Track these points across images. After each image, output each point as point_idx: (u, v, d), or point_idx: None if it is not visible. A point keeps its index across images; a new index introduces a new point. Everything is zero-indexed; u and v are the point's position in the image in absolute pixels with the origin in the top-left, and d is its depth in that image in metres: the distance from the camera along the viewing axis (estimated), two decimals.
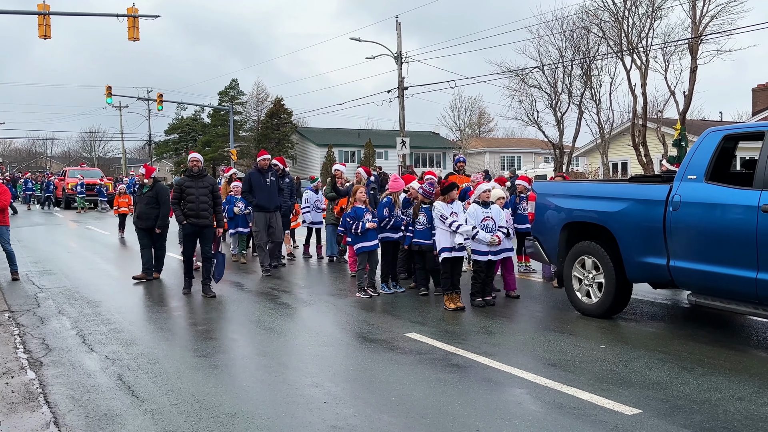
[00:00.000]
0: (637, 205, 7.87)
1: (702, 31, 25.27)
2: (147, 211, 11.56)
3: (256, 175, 12.25)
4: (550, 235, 9.09)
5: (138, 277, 11.55)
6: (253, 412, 5.29)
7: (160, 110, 44.50)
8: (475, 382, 6.03)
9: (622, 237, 7.98)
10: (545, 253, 9.32)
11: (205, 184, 10.27)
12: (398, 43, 33.46)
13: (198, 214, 10.11)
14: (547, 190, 9.47)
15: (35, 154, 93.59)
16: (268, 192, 12.19)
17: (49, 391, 5.82)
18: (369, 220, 10.06)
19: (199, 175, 10.32)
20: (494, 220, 9.29)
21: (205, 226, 10.21)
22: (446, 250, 9.07)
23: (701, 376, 6.13)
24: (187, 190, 10.19)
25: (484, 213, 9.31)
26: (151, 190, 11.61)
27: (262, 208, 12.16)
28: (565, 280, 8.89)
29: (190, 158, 10.55)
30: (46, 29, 24.11)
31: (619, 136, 32.59)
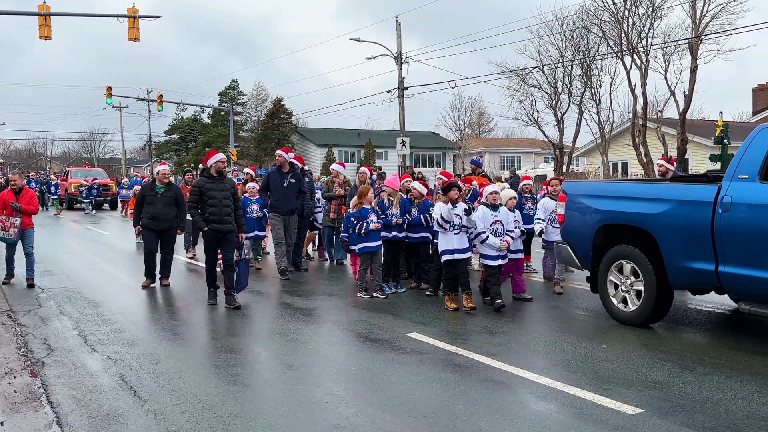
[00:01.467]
0: (681, 207, 7.41)
1: (702, 30, 25.27)
2: (165, 212, 10.97)
3: (275, 175, 11.80)
4: (583, 239, 8.63)
5: (146, 285, 11.00)
6: (256, 411, 5.30)
7: (160, 111, 44.55)
8: (476, 381, 6.03)
9: (665, 241, 7.52)
10: (577, 258, 8.87)
11: (227, 186, 9.48)
12: (398, 44, 33.49)
13: (221, 219, 9.27)
14: (579, 191, 9.00)
15: (35, 155, 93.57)
16: (284, 194, 11.69)
17: (51, 391, 5.82)
18: (373, 221, 9.97)
19: (220, 177, 9.50)
20: (503, 223, 9.13)
21: (228, 232, 9.40)
22: (447, 252, 8.94)
23: (703, 376, 6.13)
24: (209, 192, 9.29)
25: (493, 216, 9.15)
26: (169, 189, 11.15)
27: (274, 208, 11.76)
28: (600, 286, 8.44)
29: (216, 158, 9.59)
30: (47, 30, 24.12)
31: (619, 136, 32.60)
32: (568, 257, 9.05)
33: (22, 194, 11.11)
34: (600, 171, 30.84)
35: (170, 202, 11.00)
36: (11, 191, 11.14)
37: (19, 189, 11.14)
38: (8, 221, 10.92)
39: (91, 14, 34.55)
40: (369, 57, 34.28)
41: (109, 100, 40.22)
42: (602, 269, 8.40)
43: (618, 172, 33.01)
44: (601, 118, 32.47)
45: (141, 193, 11.48)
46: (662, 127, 28.21)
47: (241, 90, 62.86)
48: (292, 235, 11.97)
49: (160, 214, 10.92)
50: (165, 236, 11.13)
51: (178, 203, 11.10)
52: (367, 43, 34.04)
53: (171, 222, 11.03)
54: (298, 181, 11.89)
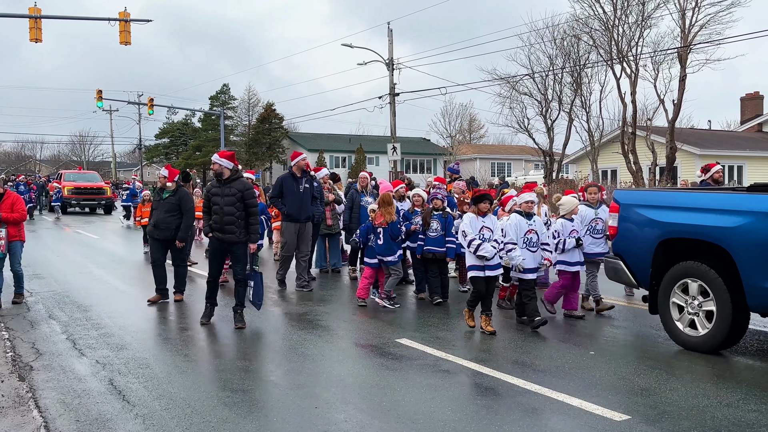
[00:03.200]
0: (764, 220, 6.63)
1: (691, 40, 25.48)
2: (166, 220, 9.88)
3: (288, 180, 10.93)
4: (640, 254, 7.83)
5: (153, 300, 9.98)
6: (245, 417, 5.30)
7: (150, 114, 44.49)
8: (465, 387, 6.06)
9: (743, 257, 6.72)
10: (632, 275, 8.06)
11: (233, 191, 8.41)
12: (390, 50, 33.57)
13: (222, 227, 8.39)
14: (636, 200, 8.13)
15: (24, 158, 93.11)
16: (300, 200, 10.86)
17: (39, 395, 5.80)
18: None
19: (226, 180, 8.51)
20: (538, 233, 8.47)
21: (231, 243, 8.44)
22: (476, 268, 8.06)
23: (689, 383, 6.18)
24: (213, 198, 8.55)
25: (528, 225, 8.45)
26: (173, 195, 9.97)
27: (291, 217, 10.83)
28: (661, 307, 7.64)
29: (213, 159, 8.75)
30: (38, 33, 24.04)
31: (608, 143, 32.77)
32: (621, 274, 8.24)
33: (3, 200, 9.49)
34: (590, 178, 30.94)
35: (172, 209, 9.89)
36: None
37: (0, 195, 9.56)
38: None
39: (82, 17, 34.30)
40: (361, 63, 34.44)
41: (100, 103, 40.00)
42: (663, 289, 7.60)
43: (608, 179, 33.16)
44: (591, 126, 32.64)
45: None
46: (651, 135, 28.39)
47: (232, 94, 62.68)
48: (309, 243, 11.29)
49: (160, 222, 9.92)
50: (171, 247, 10.09)
51: (183, 210, 9.96)
52: (359, 49, 34.18)
53: (173, 231, 9.89)
54: (311, 186, 11.21)
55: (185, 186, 10.20)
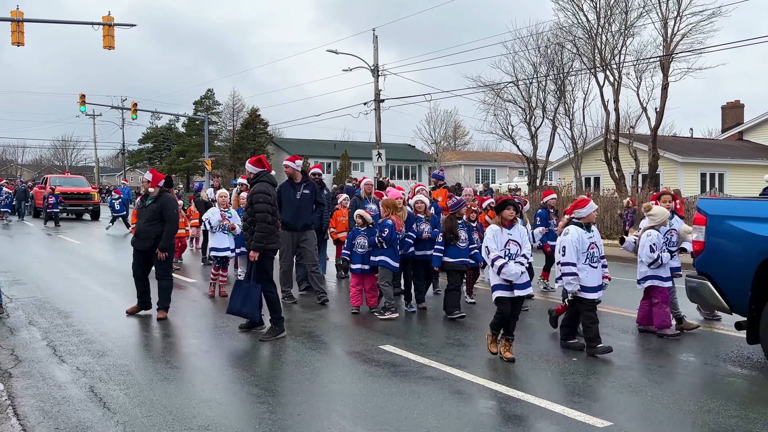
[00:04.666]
0: None
1: (673, 49, 25.78)
2: (146, 229, 9.16)
3: (286, 188, 10.40)
4: (735, 274, 6.88)
5: (131, 310, 9.48)
6: (226, 424, 5.26)
7: (134, 119, 44.20)
8: (448, 394, 6.06)
9: None
10: (723, 298, 7.09)
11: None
12: (375, 56, 33.62)
13: None
14: (728, 211, 7.12)
15: (5, 162, 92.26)
16: (296, 208, 10.30)
17: (18, 402, 5.73)
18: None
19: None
20: (598, 246, 7.53)
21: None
22: (501, 287, 7.09)
23: (671, 390, 6.23)
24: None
25: (589, 238, 7.45)
26: (155, 202, 9.26)
27: (287, 226, 10.22)
28: (764, 337, 6.72)
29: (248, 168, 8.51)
30: (20, 36, 23.83)
31: (591, 151, 33.02)
32: (708, 297, 7.27)
33: None
34: (573, 185, 31.16)
35: (153, 217, 9.18)
36: None
37: None
38: None
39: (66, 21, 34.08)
40: (346, 69, 34.40)
41: (83, 108, 39.74)
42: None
43: (591, 186, 33.39)
44: (575, 133, 32.91)
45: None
46: (634, 143, 28.64)
47: (216, 99, 62.51)
48: (314, 251, 10.62)
49: (141, 231, 9.27)
50: (150, 258, 9.33)
51: (165, 217, 9.20)
52: (344, 55, 34.15)
53: (153, 240, 9.15)
54: (313, 191, 10.59)
55: (169, 191, 9.57)
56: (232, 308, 8.14)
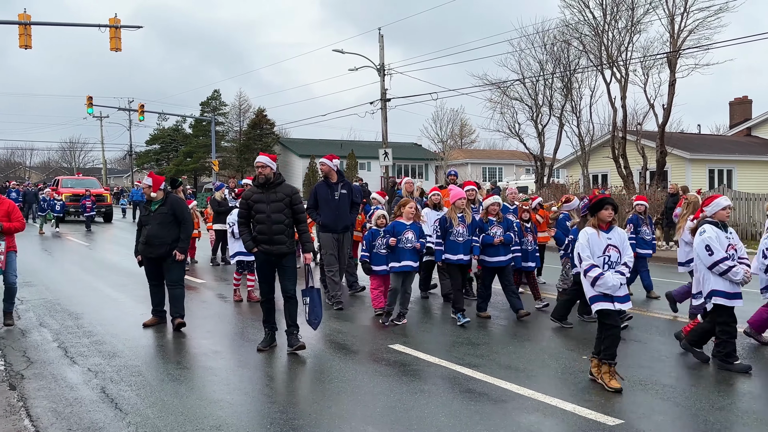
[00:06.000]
0: None
1: (680, 45, 25.65)
2: (160, 234, 8.63)
3: (322, 188, 9.97)
4: None
5: (149, 323, 8.93)
6: (237, 424, 5.29)
7: (141, 121, 44.28)
8: (459, 393, 6.06)
9: None
10: None
11: (279, 197, 7.48)
12: (381, 55, 33.62)
13: (271, 238, 7.39)
14: None
15: (14, 164, 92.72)
16: (336, 208, 9.90)
17: (31, 404, 5.77)
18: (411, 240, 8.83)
19: (270, 185, 7.53)
20: (736, 249, 6.80)
21: (281, 255, 7.47)
22: (600, 299, 6.17)
23: (681, 388, 6.21)
24: (256, 205, 7.50)
25: (727, 239, 6.78)
26: (163, 205, 8.77)
27: (327, 228, 9.87)
28: None
29: (256, 162, 7.60)
30: (27, 39, 23.92)
31: (599, 148, 32.90)
32: None
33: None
34: (581, 183, 31.06)
35: (166, 221, 8.69)
36: None
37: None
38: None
39: (73, 24, 34.29)
40: (352, 68, 34.38)
41: (90, 110, 39.80)
42: None
43: (598, 184, 33.28)
44: (582, 131, 32.77)
45: (139, 214, 9.18)
46: (641, 140, 28.52)
47: (223, 100, 62.64)
48: (346, 254, 10.35)
49: (153, 237, 8.65)
50: (167, 265, 8.79)
51: (179, 220, 8.77)
52: (350, 55, 34.14)
53: (170, 246, 8.67)
54: (350, 191, 10.16)
55: (176, 192, 9.27)
56: (317, 317, 7.65)
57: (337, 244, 10.01)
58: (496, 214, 9.21)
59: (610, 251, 6.18)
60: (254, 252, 7.51)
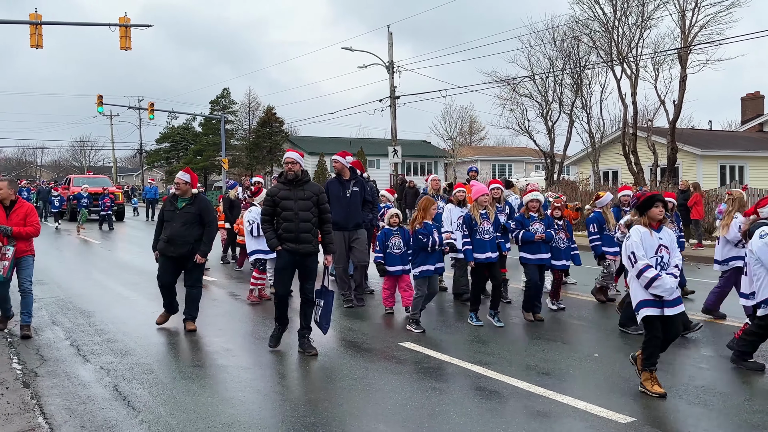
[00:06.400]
0: None
1: (691, 40, 25.51)
2: (184, 234, 8.36)
3: (334, 185, 9.82)
4: None
5: (161, 321, 8.78)
6: (249, 422, 5.30)
7: (151, 119, 44.43)
8: (470, 390, 6.06)
9: None
10: None
11: (307, 195, 7.31)
12: (390, 53, 33.60)
13: (297, 237, 7.20)
14: None
15: (25, 163, 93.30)
16: (347, 206, 9.73)
17: (44, 402, 5.81)
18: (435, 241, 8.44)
19: (298, 182, 7.35)
20: None
21: (307, 254, 7.33)
22: (648, 304, 5.87)
23: (694, 385, 6.18)
24: (283, 202, 7.29)
25: None
26: (191, 204, 8.50)
27: (337, 225, 9.28)
28: None
29: (286, 158, 7.41)
30: (38, 39, 24.05)
31: (609, 145, 32.78)
32: None
33: (14, 210, 8.00)
34: (591, 180, 30.96)
35: (192, 220, 8.43)
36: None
37: (10, 202, 8.01)
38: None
39: (83, 23, 34.41)
40: (361, 66, 34.39)
41: (100, 108, 39.95)
42: None
43: (608, 181, 33.16)
44: (592, 127, 32.68)
45: (162, 208, 8.90)
46: (652, 136, 28.39)
47: (232, 98, 62.64)
48: (364, 251, 10.04)
49: (177, 236, 8.37)
50: (185, 265, 8.55)
51: (204, 222, 8.54)
52: (359, 52, 34.13)
53: (192, 246, 8.43)
54: (362, 189, 10.00)
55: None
56: (328, 322, 7.54)
57: (345, 243, 9.80)
58: (537, 210, 8.98)
59: (662, 252, 5.88)
60: (277, 251, 7.27)
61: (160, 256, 8.62)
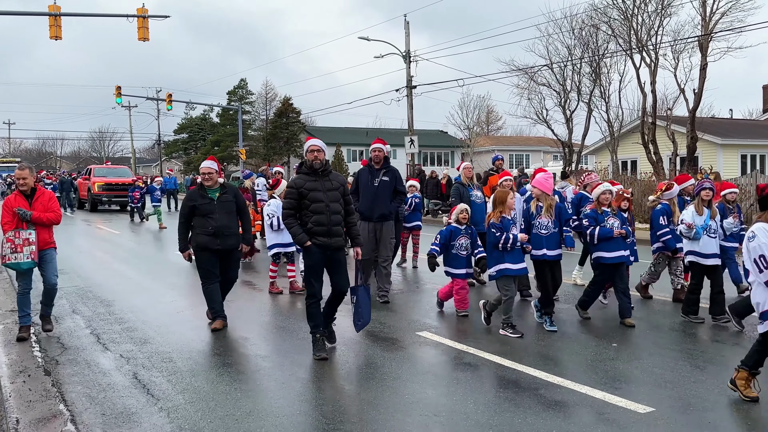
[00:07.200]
0: None
1: (712, 28, 25.15)
2: (230, 224, 7.93)
3: (364, 174, 9.51)
4: None
5: (218, 327, 8.00)
6: (267, 410, 5.33)
7: (169, 110, 44.63)
8: (487, 380, 6.05)
9: None
10: None
11: (335, 185, 6.87)
12: (407, 42, 33.46)
13: (329, 230, 6.72)
14: None
15: (45, 154, 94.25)
16: (373, 195, 9.36)
17: (65, 389, 5.88)
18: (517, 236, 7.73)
19: (324, 172, 6.90)
20: None
21: (339, 248, 6.88)
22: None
23: (714, 375, 6.13)
24: (312, 194, 6.77)
25: None
26: (226, 193, 8.08)
27: (362, 215, 9.19)
28: None
29: (312, 146, 6.92)
30: (57, 30, 24.20)
31: (628, 134, 32.49)
32: None
33: (36, 198, 7.70)
34: (609, 169, 30.71)
35: (232, 209, 8.06)
36: (20, 194, 7.68)
37: (30, 190, 7.71)
38: (19, 237, 7.46)
39: (101, 14, 34.68)
40: (377, 56, 34.30)
41: (119, 99, 40.22)
42: None
43: (627, 170, 32.89)
44: (611, 116, 32.39)
45: (187, 202, 8.12)
46: (672, 125, 28.08)
47: (249, 89, 62.81)
48: (387, 246, 9.68)
49: (224, 227, 7.86)
50: (231, 257, 8.12)
51: (241, 210, 8.21)
52: (376, 42, 34.02)
53: (237, 237, 8.08)
54: (393, 179, 9.54)
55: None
56: (361, 318, 7.14)
57: (372, 234, 9.44)
58: (609, 204, 8.29)
59: None
60: (306, 246, 6.70)
61: (202, 252, 7.93)
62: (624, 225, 8.24)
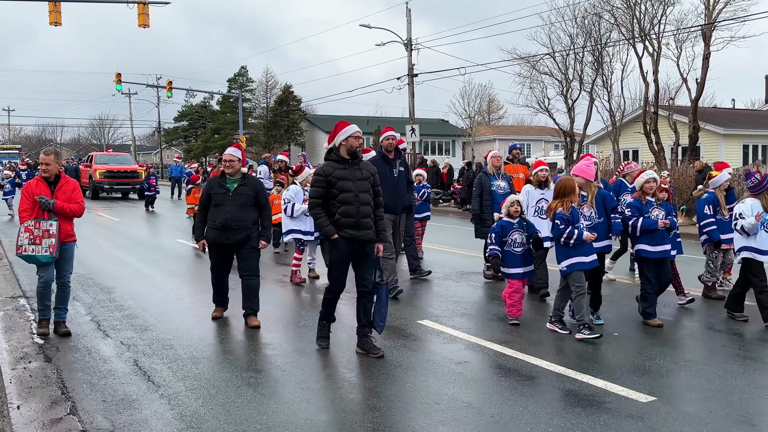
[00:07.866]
0: None
1: (715, 17, 25.02)
2: (240, 217, 7.48)
3: (380, 165, 8.48)
4: None
5: (217, 315, 7.98)
6: (269, 396, 5.33)
7: (169, 97, 44.61)
8: (488, 369, 6.05)
9: None
10: None
11: (365, 175, 6.45)
12: (408, 30, 33.32)
13: (358, 222, 6.29)
14: None
15: (45, 141, 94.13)
16: (394, 187, 8.87)
17: (66, 376, 5.87)
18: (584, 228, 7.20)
19: (355, 161, 6.48)
20: None
21: (368, 241, 6.42)
22: None
23: (716, 365, 6.12)
24: (341, 183, 6.34)
25: None
26: (244, 185, 7.66)
27: (386, 208, 7.78)
28: None
29: (354, 132, 6.48)
30: (57, 16, 24.13)
31: (630, 123, 32.39)
32: None
33: (59, 186, 7.13)
34: (611, 159, 30.64)
35: (247, 202, 7.59)
36: (42, 180, 7.07)
37: (54, 177, 7.12)
38: (39, 228, 6.93)
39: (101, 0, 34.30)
40: (379, 43, 34.19)
41: (119, 86, 40.09)
42: None
43: (629, 159, 32.82)
44: (613, 106, 32.24)
45: (206, 190, 7.89)
46: (674, 115, 27.99)
47: (250, 77, 62.61)
48: (402, 237, 9.47)
49: (233, 220, 7.46)
50: (243, 251, 7.66)
51: (260, 204, 7.74)
52: (377, 30, 33.87)
53: (249, 231, 7.59)
54: (406, 169, 9.28)
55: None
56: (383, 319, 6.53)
57: (393, 226, 9.03)
58: (654, 194, 7.76)
59: None
60: (333, 239, 6.29)
61: (212, 246, 7.74)
62: (669, 216, 7.72)
